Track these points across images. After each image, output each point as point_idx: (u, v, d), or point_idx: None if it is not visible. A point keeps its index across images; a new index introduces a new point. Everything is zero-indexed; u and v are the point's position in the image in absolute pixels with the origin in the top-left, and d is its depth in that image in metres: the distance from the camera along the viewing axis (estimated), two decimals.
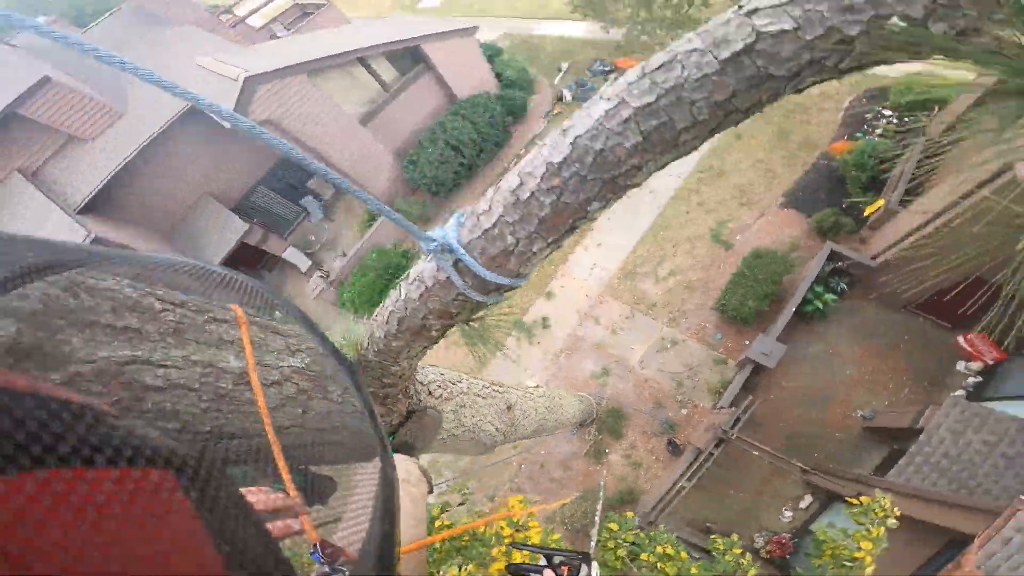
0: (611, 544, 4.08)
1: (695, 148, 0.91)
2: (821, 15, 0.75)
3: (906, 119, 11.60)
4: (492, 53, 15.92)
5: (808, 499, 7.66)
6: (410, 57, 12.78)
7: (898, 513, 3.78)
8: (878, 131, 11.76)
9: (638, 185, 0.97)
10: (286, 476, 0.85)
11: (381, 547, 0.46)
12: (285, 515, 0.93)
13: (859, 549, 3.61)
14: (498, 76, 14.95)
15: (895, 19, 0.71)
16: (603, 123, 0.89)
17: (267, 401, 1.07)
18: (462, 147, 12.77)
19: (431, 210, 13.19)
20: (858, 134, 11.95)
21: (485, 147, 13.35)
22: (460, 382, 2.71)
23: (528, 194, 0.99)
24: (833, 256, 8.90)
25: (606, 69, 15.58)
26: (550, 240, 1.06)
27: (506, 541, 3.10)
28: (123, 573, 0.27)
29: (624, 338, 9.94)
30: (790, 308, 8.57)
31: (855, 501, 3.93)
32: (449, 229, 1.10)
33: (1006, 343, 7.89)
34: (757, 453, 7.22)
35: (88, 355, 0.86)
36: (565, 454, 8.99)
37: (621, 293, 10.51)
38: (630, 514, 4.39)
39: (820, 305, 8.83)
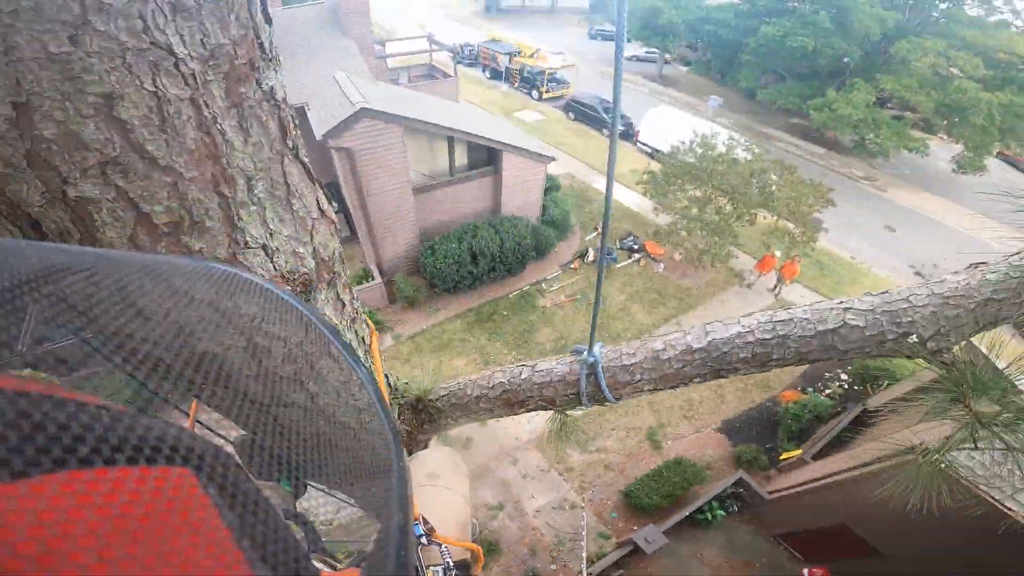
0: None
1: (765, 371, 1.57)
2: (881, 323, 1.36)
3: (856, 387, 13.15)
4: (549, 186, 17.14)
5: None
6: (486, 155, 14.12)
7: None
8: (827, 391, 13.29)
9: (725, 378, 1.64)
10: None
11: (400, 535, 0.48)
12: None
13: None
14: (543, 209, 16.34)
15: (914, 336, 1.30)
16: (734, 339, 1.51)
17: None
18: (480, 258, 13.85)
19: (421, 296, 14.21)
20: (810, 388, 13.53)
21: (498, 269, 14.44)
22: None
23: (667, 357, 1.59)
24: (739, 483, 10.21)
25: (635, 247, 17.16)
26: (656, 388, 1.67)
27: None
28: (147, 571, 0.28)
29: (530, 486, 11.15)
30: (684, 511, 10.08)
31: None
32: (598, 353, 1.70)
33: None
34: None
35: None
36: None
37: (547, 448, 11.76)
38: None
39: (710, 517, 10.22)
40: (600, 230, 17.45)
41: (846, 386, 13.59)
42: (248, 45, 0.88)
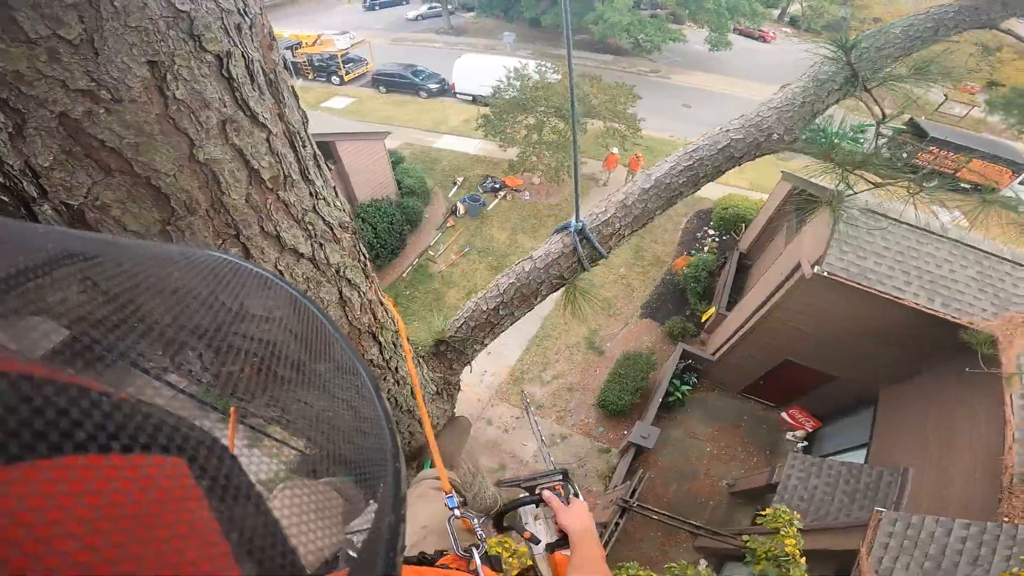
0: None
1: (699, 189, 1.99)
2: (752, 132, 1.92)
3: (724, 236, 14.47)
4: (395, 160, 16.60)
5: (703, 563, 8.35)
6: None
7: (799, 516, 4.63)
8: (706, 248, 14.43)
9: (675, 204, 2.01)
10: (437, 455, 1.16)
11: (390, 536, 0.47)
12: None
13: (787, 547, 4.41)
14: (397, 183, 15.61)
15: (775, 134, 1.94)
16: (670, 171, 1.91)
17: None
18: None
19: None
20: (692, 251, 14.53)
21: (382, 253, 13.57)
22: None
23: (631, 202, 1.91)
24: (684, 355, 10.60)
25: (496, 186, 17.15)
26: (634, 228, 1.95)
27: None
28: (133, 559, 0.27)
29: (516, 436, 10.65)
30: (657, 399, 10.07)
31: (763, 512, 4.85)
32: (585, 219, 1.90)
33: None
34: (656, 518, 7.84)
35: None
36: None
37: (510, 396, 11.39)
38: None
39: (679, 395, 10.37)
40: (457, 183, 16.69)
41: (718, 239, 14.92)
42: (265, 20, 0.88)
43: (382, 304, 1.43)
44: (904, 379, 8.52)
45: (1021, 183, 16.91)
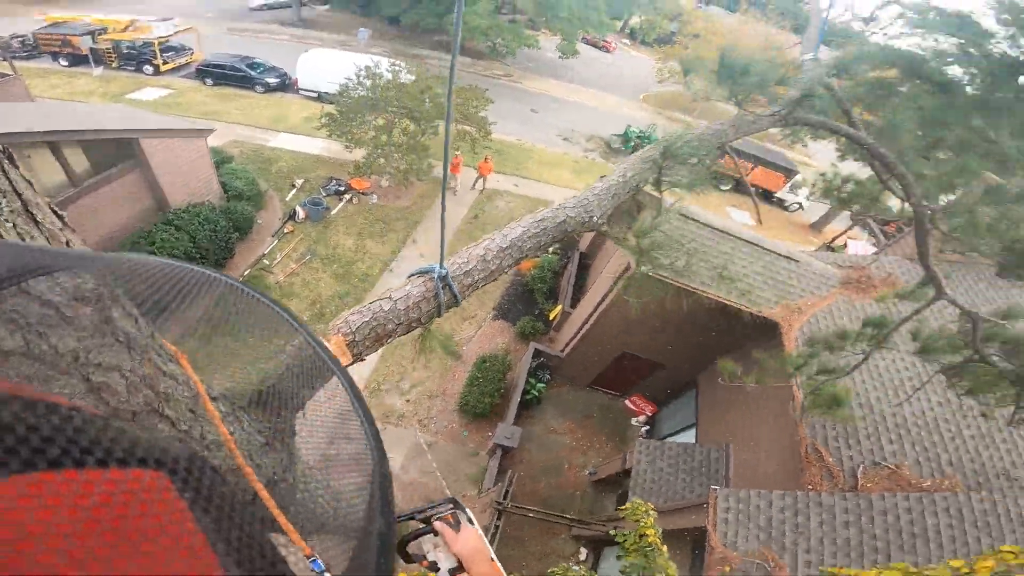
0: None
1: (544, 252, 3.14)
2: (582, 214, 2.77)
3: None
4: (220, 160, 14.43)
5: (584, 552, 8.42)
6: (115, 151, 10.47)
7: (652, 507, 4.65)
8: (550, 249, 14.44)
9: (520, 263, 2.51)
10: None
11: (381, 539, 0.44)
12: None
13: (648, 536, 4.43)
14: (223, 186, 13.46)
15: (595, 217, 2.87)
16: (523, 235, 2.43)
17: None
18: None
19: None
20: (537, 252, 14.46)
21: (204, 266, 11.34)
22: None
23: (490, 258, 2.25)
24: (536, 353, 10.33)
25: (341, 188, 15.61)
26: (488, 281, 2.27)
27: None
28: (117, 572, 0.25)
29: None
30: (515, 398, 9.74)
31: (623, 508, 4.83)
32: (448, 267, 2.06)
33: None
34: (532, 515, 7.66)
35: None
36: None
37: (370, 410, 10.00)
38: None
39: (536, 393, 10.01)
40: (296, 186, 14.87)
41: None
42: None
43: (165, 372, 0.97)
44: (714, 365, 9.10)
45: (792, 188, 19.93)
